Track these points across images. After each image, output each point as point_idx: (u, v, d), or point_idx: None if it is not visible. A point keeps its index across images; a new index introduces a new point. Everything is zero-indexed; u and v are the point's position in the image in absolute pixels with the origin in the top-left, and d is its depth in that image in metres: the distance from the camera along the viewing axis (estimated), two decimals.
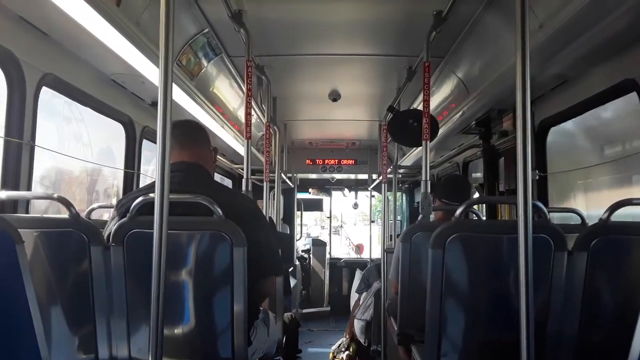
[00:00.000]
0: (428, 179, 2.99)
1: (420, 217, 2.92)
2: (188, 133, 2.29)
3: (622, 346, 1.75)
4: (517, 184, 1.51)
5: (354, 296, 6.00)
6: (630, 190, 3.07)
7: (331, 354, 5.58)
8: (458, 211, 2.08)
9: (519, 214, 1.49)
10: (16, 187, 2.40)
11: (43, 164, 2.82)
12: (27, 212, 2.52)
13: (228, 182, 7.42)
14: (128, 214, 1.91)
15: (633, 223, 2.13)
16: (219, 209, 1.89)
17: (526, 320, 1.44)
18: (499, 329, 2.05)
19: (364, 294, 5.25)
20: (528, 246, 1.46)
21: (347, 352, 5.38)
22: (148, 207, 1.81)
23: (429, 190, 2.95)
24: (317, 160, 8.22)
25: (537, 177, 3.59)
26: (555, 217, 3.59)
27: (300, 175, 8.56)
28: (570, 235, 2.04)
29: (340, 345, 5.51)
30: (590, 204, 3.54)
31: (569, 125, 3.52)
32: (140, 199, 1.89)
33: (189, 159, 2.21)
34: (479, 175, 5.23)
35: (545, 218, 2.00)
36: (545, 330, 1.99)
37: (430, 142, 3.12)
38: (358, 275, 6.37)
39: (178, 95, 3.41)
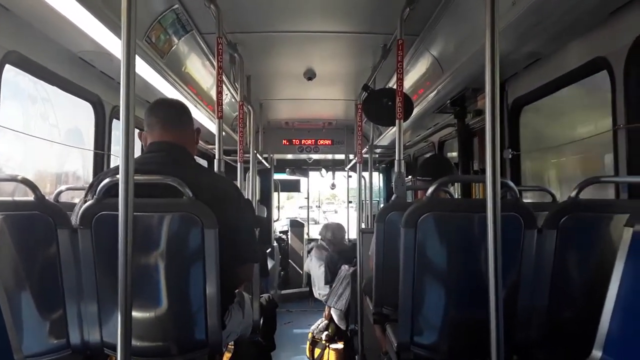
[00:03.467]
0: (402, 158, 2.99)
1: (394, 196, 2.92)
2: (172, 113, 2.24)
3: (591, 321, 1.78)
4: (486, 163, 1.51)
5: (321, 288, 6.03)
6: (603, 169, 3.11)
7: (310, 334, 5.63)
8: (429, 190, 2.08)
9: (487, 192, 1.49)
10: None
11: (8, 146, 2.73)
12: None
13: (203, 163, 7.35)
14: (95, 196, 1.87)
15: (601, 200, 2.16)
16: (188, 190, 1.85)
17: (495, 297, 1.45)
18: (471, 306, 2.07)
19: (334, 282, 5.29)
20: (497, 224, 1.47)
21: (326, 332, 5.43)
22: (117, 188, 1.77)
23: (402, 170, 2.95)
24: (294, 141, 8.18)
25: (510, 156, 3.61)
26: (530, 196, 3.63)
27: (277, 156, 8.52)
28: (542, 214, 2.06)
29: (319, 325, 5.56)
30: (563, 183, 3.58)
31: (542, 103, 3.53)
32: (106, 180, 1.84)
33: (172, 139, 2.16)
34: (454, 154, 5.26)
35: (515, 196, 2.01)
36: (516, 306, 2.01)
37: (404, 121, 3.11)
38: (315, 260, 6.38)
39: (147, 73, 3.33)
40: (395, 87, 3.12)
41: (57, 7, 2.32)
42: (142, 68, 3.21)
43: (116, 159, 3.77)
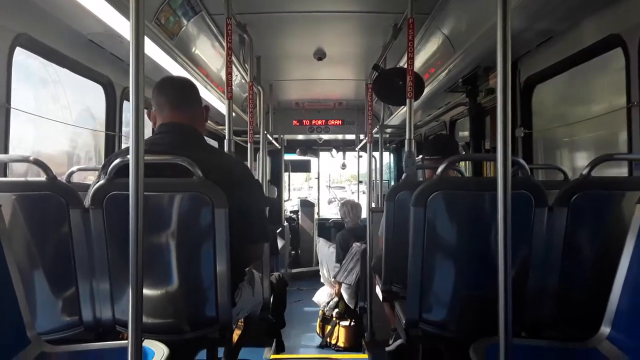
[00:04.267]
0: (412, 137, 2.97)
1: (404, 175, 2.91)
2: (181, 93, 2.22)
3: (601, 299, 1.78)
4: (497, 140, 1.49)
5: (324, 259, 6.05)
6: (616, 147, 3.08)
7: (321, 311, 5.69)
8: (440, 168, 2.07)
9: (498, 170, 1.48)
10: None
11: (20, 127, 2.75)
12: (4, 176, 2.48)
13: (213, 143, 7.37)
14: (106, 176, 1.88)
15: (613, 178, 2.14)
16: (198, 170, 1.86)
17: (504, 275, 1.45)
18: (480, 284, 2.07)
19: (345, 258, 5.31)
20: (507, 202, 1.46)
21: (336, 310, 5.49)
22: (127, 168, 1.78)
23: (413, 149, 2.94)
24: (304, 121, 8.17)
25: (522, 134, 3.58)
26: (542, 175, 3.61)
27: (287, 136, 8.51)
28: (554, 192, 2.05)
29: (329, 303, 5.61)
30: (575, 161, 3.55)
31: (555, 81, 3.49)
32: (117, 160, 1.85)
33: (181, 120, 2.15)
34: (466, 133, 5.23)
35: (527, 174, 2.00)
36: (526, 284, 2.01)
37: (415, 100, 3.09)
38: (324, 242, 6.40)
39: (157, 54, 3.33)
40: (405, 66, 3.09)
41: None
42: (152, 49, 3.21)
43: (127, 139, 3.80)
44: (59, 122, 3.30)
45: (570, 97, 3.62)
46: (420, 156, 4.46)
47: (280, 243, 6.72)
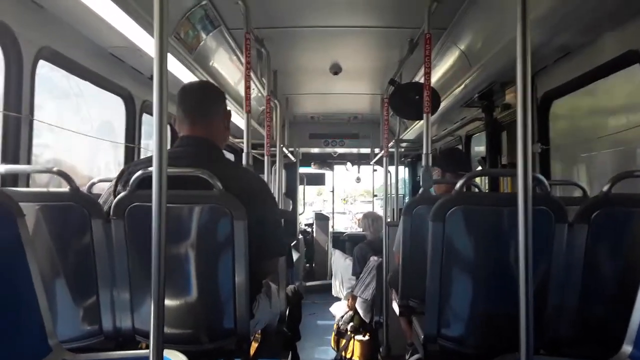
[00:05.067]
0: (429, 152, 2.97)
1: (421, 190, 2.91)
2: (201, 103, 2.23)
3: (622, 318, 1.76)
4: (517, 156, 1.49)
5: (339, 271, 6.02)
6: (634, 163, 3.06)
7: (335, 325, 5.66)
8: (459, 184, 2.07)
9: (519, 186, 1.48)
10: (16, 162, 2.40)
11: (43, 139, 2.80)
12: (27, 187, 2.53)
13: (229, 156, 7.42)
14: (128, 188, 1.91)
15: (634, 195, 2.12)
16: (218, 183, 1.88)
17: (525, 292, 1.44)
18: (499, 301, 2.06)
19: (362, 272, 5.28)
20: (528, 218, 1.45)
21: (351, 324, 5.45)
22: (148, 180, 1.80)
23: (430, 164, 2.94)
24: (319, 134, 8.19)
25: (540, 150, 3.57)
26: (559, 191, 3.58)
27: (302, 150, 8.54)
28: (572, 208, 2.04)
29: (344, 317, 5.58)
30: (593, 177, 3.52)
31: (572, 97, 3.48)
32: (139, 172, 1.88)
33: (201, 134, 2.18)
34: (481, 148, 5.21)
35: (546, 190, 1.99)
36: (546, 301, 2.00)
37: (431, 115, 3.09)
38: (339, 254, 6.38)
39: (177, 68, 3.37)
40: (421, 80, 3.11)
41: (90, 4, 2.38)
42: (172, 63, 3.26)
43: (145, 151, 3.84)
44: (80, 134, 3.35)
45: (588, 113, 3.61)
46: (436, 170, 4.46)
47: (295, 256, 6.72)
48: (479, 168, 4.99)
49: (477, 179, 4.85)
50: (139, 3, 2.58)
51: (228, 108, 2.32)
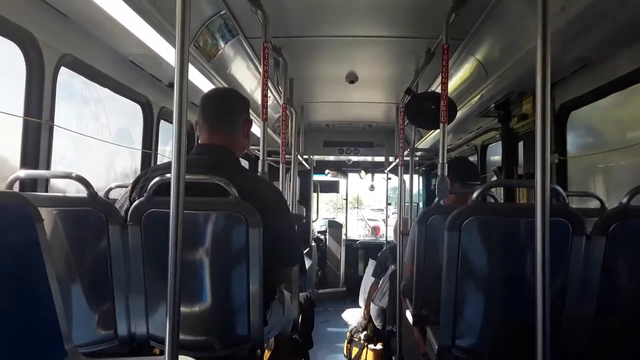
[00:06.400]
0: (445, 161, 2.96)
1: (436, 199, 2.90)
2: (221, 112, 2.24)
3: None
4: (536, 167, 1.48)
5: (367, 279, 6.01)
6: None
7: (348, 333, 5.63)
8: (475, 194, 2.06)
9: (537, 197, 1.46)
10: (35, 167, 2.43)
11: (62, 144, 2.84)
12: (46, 191, 2.56)
13: (244, 163, 7.45)
14: (145, 194, 1.93)
15: None
16: (234, 190, 1.89)
17: (542, 304, 1.43)
18: (514, 312, 2.04)
19: (381, 279, 5.25)
20: (545, 230, 1.44)
21: (365, 332, 5.42)
22: (164, 186, 1.82)
23: (446, 174, 2.92)
24: (334, 142, 8.20)
25: (557, 161, 3.54)
26: (576, 202, 3.55)
27: (316, 157, 8.55)
28: (589, 220, 2.02)
29: (357, 325, 5.55)
30: (610, 189, 3.48)
31: (590, 108, 3.45)
32: (156, 179, 1.90)
33: (218, 142, 2.19)
34: (497, 158, 5.18)
35: (564, 202, 1.97)
36: (562, 314, 1.98)
37: (447, 124, 3.08)
38: (371, 262, 6.37)
39: (195, 76, 3.41)
40: (438, 90, 3.10)
41: (111, 12, 2.41)
42: (191, 71, 3.29)
43: (162, 158, 3.88)
44: (98, 140, 3.39)
45: (605, 124, 3.58)
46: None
47: (307, 263, 6.72)
48: (494, 178, 4.96)
49: (492, 190, 4.82)
50: (160, 12, 2.62)
51: (249, 118, 2.33)
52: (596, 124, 3.67)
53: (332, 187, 10.55)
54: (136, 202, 1.95)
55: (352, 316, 5.74)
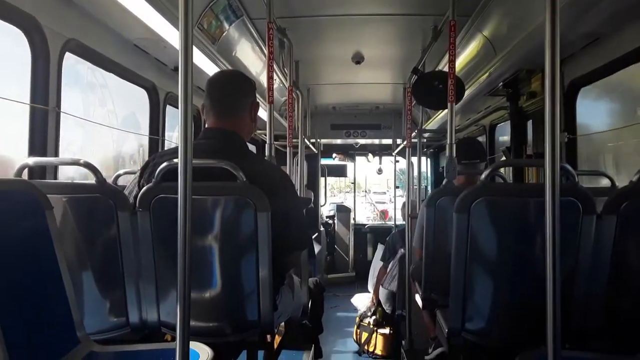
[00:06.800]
0: (454, 142, 2.93)
1: (445, 181, 2.88)
2: (228, 96, 2.21)
3: None
4: (545, 146, 1.46)
5: (376, 264, 6.02)
6: None
7: (357, 318, 5.66)
8: (484, 174, 2.04)
9: (546, 176, 1.44)
10: (44, 154, 2.43)
11: (69, 131, 2.84)
12: (55, 179, 2.56)
13: (251, 148, 7.43)
14: (153, 180, 1.92)
15: None
16: (242, 174, 1.88)
17: (552, 285, 1.42)
18: (524, 293, 2.04)
19: (390, 263, 5.26)
20: (555, 210, 1.42)
21: (374, 317, 5.45)
22: (172, 171, 1.81)
23: (454, 154, 2.90)
24: (341, 125, 8.16)
25: (566, 140, 3.50)
26: (585, 181, 3.52)
27: (324, 141, 8.51)
28: (599, 199, 2.00)
29: (366, 310, 5.58)
30: (621, 167, 3.45)
31: (600, 85, 3.41)
32: (164, 164, 1.89)
33: (225, 126, 2.17)
34: (506, 138, 5.14)
35: (574, 181, 1.95)
36: (572, 294, 1.96)
37: (456, 104, 3.05)
38: (380, 246, 6.38)
39: (200, 59, 3.39)
40: (445, 69, 3.06)
41: None
42: (195, 54, 3.27)
43: (169, 143, 3.88)
44: (105, 126, 3.39)
45: (616, 101, 3.53)
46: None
47: (316, 248, 6.73)
48: (503, 158, 4.93)
49: (501, 170, 4.79)
50: None
51: (256, 100, 2.31)
52: (607, 101, 3.62)
53: (340, 171, 10.51)
54: (144, 188, 1.95)
55: (361, 301, 5.77)
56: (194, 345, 1.68)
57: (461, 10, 3.11)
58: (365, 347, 5.43)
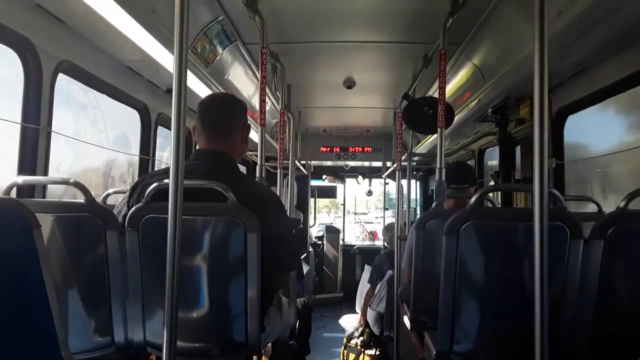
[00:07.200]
0: (443, 166, 2.96)
1: (434, 204, 2.90)
2: (220, 118, 2.23)
3: (638, 335, 1.73)
4: (534, 172, 1.49)
5: (363, 286, 6.01)
6: None
7: (345, 339, 5.63)
8: (473, 198, 2.06)
9: (535, 201, 1.47)
10: (33, 173, 2.43)
11: (59, 150, 2.84)
12: (43, 197, 2.55)
13: (242, 169, 7.43)
14: (143, 200, 1.92)
15: None
16: (232, 195, 1.89)
17: (540, 309, 1.43)
18: (512, 317, 2.04)
19: (378, 284, 5.25)
20: (544, 234, 1.44)
21: (361, 338, 5.42)
22: (162, 192, 1.82)
23: (443, 178, 2.93)
24: (331, 148, 8.21)
25: (554, 165, 3.55)
26: (573, 206, 3.55)
27: (314, 163, 8.55)
28: (587, 224, 2.02)
29: (354, 330, 5.55)
30: (608, 193, 3.49)
31: (586, 113, 3.47)
32: (154, 184, 1.89)
33: (217, 147, 2.18)
34: (494, 163, 5.19)
35: (562, 206, 1.98)
36: (560, 318, 1.97)
37: (445, 129, 3.09)
38: (367, 267, 6.38)
39: (193, 82, 3.41)
40: (435, 95, 3.11)
41: (109, 18, 2.42)
42: (189, 77, 3.28)
43: (160, 164, 3.88)
44: (96, 146, 3.39)
45: (602, 128, 3.59)
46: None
47: (305, 268, 6.71)
48: (492, 183, 4.97)
49: (490, 194, 4.83)
50: (158, 18, 2.62)
51: (248, 122, 2.32)
52: (593, 129, 3.68)
53: (329, 192, 10.55)
54: (134, 207, 1.94)
55: (349, 322, 5.74)
56: None
57: (451, 38, 3.17)
58: None
